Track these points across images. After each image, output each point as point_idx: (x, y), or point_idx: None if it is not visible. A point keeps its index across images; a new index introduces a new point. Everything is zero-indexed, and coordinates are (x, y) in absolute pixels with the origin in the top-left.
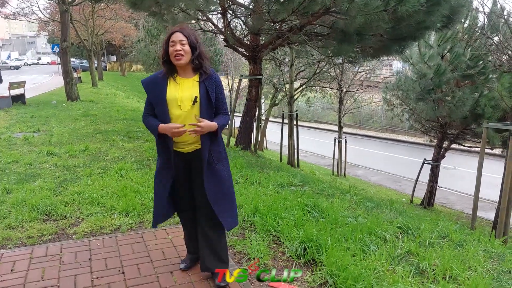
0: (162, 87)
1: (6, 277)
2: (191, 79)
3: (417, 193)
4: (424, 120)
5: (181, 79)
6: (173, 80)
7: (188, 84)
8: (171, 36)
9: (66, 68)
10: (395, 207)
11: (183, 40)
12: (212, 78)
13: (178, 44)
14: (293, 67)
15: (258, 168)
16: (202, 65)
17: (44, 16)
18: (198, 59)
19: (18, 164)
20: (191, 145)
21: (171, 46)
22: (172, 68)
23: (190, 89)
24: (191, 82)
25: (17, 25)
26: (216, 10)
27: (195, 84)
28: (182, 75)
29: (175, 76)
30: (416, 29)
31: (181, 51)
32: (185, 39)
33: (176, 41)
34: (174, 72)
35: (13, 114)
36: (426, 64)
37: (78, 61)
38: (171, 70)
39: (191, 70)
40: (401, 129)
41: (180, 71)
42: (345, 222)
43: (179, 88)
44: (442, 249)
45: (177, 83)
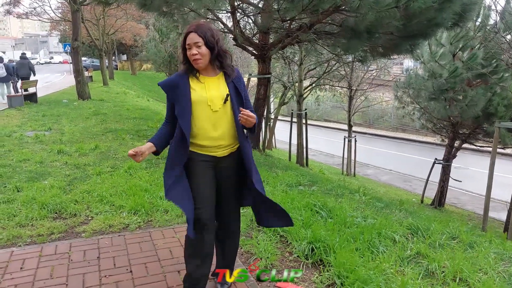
0: (184, 87)
1: (16, 275)
2: (216, 77)
3: (428, 193)
4: (436, 119)
5: (205, 78)
6: (196, 79)
7: (214, 82)
8: (186, 38)
9: (77, 67)
10: (404, 207)
11: (198, 42)
12: (240, 76)
13: (194, 48)
14: (302, 66)
15: (266, 167)
16: (223, 64)
17: (56, 15)
18: (217, 59)
19: (29, 162)
20: (226, 148)
21: (188, 50)
22: (193, 67)
23: (219, 88)
24: (216, 81)
25: (30, 25)
26: (226, 9)
27: (222, 82)
28: (204, 73)
29: (198, 75)
30: (427, 26)
31: (197, 55)
32: (201, 40)
33: (192, 44)
34: (196, 71)
35: (25, 113)
36: (437, 63)
37: (89, 60)
38: (192, 69)
39: (212, 69)
40: (412, 128)
41: (201, 71)
42: (354, 223)
43: (206, 87)
44: (452, 250)
45: (202, 82)
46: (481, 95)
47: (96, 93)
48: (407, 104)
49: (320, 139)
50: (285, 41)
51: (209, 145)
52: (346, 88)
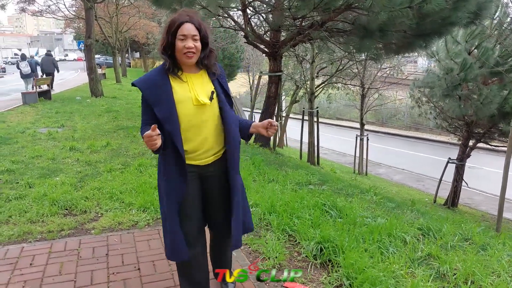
0: (165, 86)
1: (25, 271)
2: (199, 74)
3: (441, 192)
4: (450, 118)
5: (187, 75)
6: (177, 77)
7: (198, 80)
8: (180, 27)
9: (90, 64)
10: (416, 207)
11: (195, 36)
12: (223, 73)
13: (190, 40)
14: (314, 64)
15: (276, 166)
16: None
17: (70, 13)
18: (207, 58)
19: (42, 158)
20: (209, 153)
21: (181, 40)
22: (175, 63)
23: (203, 85)
24: (200, 78)
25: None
26: (236, 6)
27: (206, 79)
28: (187, 70)
29: (180, 73)
30: (442, 25)
31: (193, 49)
32: (197, 33)
33: (188, 36)
34: (178, 69)
35: (38, 110)
36: (453, 61)
37: (103, 57)
38: (174, 65)
39: (195, 65)
40: (425, 127)
41: (184, 67)
42: (364, 223)
43: (189, 85)
44: (464, 252)
45: (184, 81)
46: (496, 93)
47: (109, 91)
48: (422, 104)
49: (332, 138)
50: (297, 39)
51: (191, 151)
52: (359, 87)
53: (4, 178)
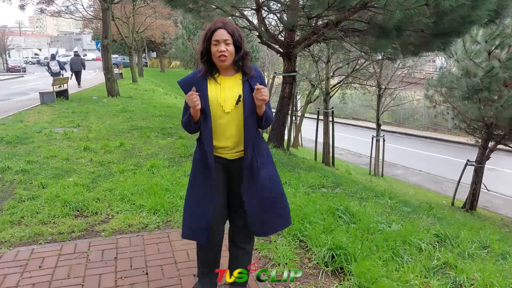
0: (202, 87)
1: (34, 273)
2: (233, 77)
3: (459, 195)
4: (469, 119)
5: (222, 78)
6: (214, 80)
7: (230, 83)
8: (214, 34)
9: (106, 64)
10: (433, 212)
11: (227, 40)
12: (256, 76)
13: (223, 44)
14: (329, 64)
15: (289, 168)
16: (244, 65)
17: (88, 14)
18: (242, 60)
19: (56, 159)
20: (234, 151)
21: (214, 45)
22: (212, 67)
23: (233, 88)
24: (233, 81)
25: (64, 23)
26: (250, 6)
27: (238, 82)
28: (223, 73)
29: (216, 76)
30: (461, 24)
31: (225, 52)
32: (230, 38)
33: (221, 41)
34: (215, 71)
35: (55, 109)
36: (472, 61)
37: (120, 57)
38: (211, 69)
39: (232, 68)
40: (444, 127)
41: (221, 70)
42: (378, 229)
43: (221, 88)
44: (482, 261)
45: (218, 83)
46: None
47: (125, 90)
48: (438, 104)
49: (348, 138)
50: (311, 39)
51: (220, 146)
52: (375, 87)
53: (18, 179)
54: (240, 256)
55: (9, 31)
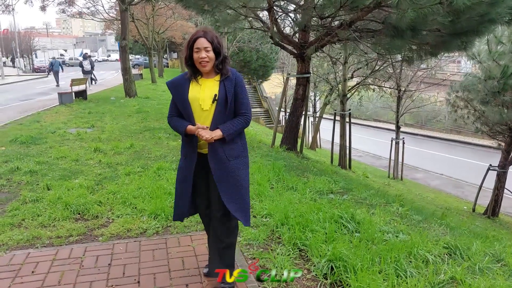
0: (185, 88)
1: (26, 278)
2: (213, 79)
3: (481, 200)
4: (492, 123)
5: (204, 80)
6: (196, 82)
7: (209, 84)
8: (195, 42)
9: (124, 65)
10: (446, 221)
11: (207, 47)
12: (232, 77)
13: (203, 51)
14: (347, 65)
15: (298, 172)
16: (224, 68)
17: (108, 15)
18: (222, 64)
19: (66, 160)
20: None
21: (196, 52)
22: (196, 71)
23: (212, 89)
24: (212, 82)
25: (90, 24)
26: (261, 6)
27: (216, 83)
28: (205, 76)
29: (198, 78)
30: (479, 22)
31: (206, 58)
32: (210, 45)
33: (201, 48)
34: (198, 74)
35: (73, 110)
36: (495, 62)
37: (142, 58)
38: (195, 72)
39: (213, 71)
40: (468, 130)
41: (203, 73)
42: (383, 239)
43: (201, 89)
44: (494, 277)
45: (199, 84)
46: None
47: (143, 91)
48: (460, 108)
49: (367, 140)
50: (324, 40)
51: (200, 141)
52: (394, 89)
53: (26, 180)
54: (221, 251)
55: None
